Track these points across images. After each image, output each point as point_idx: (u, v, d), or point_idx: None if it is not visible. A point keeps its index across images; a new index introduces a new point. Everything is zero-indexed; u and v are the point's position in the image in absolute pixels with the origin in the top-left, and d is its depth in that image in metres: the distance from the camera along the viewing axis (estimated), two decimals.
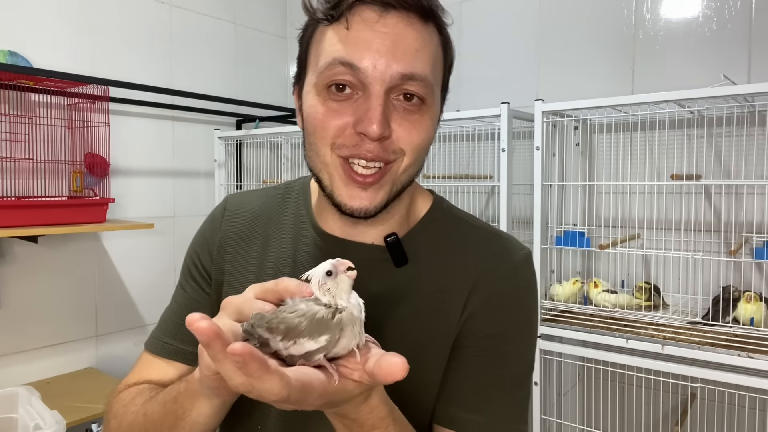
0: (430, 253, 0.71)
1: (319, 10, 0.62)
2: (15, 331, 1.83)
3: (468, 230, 0.74)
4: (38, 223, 1.64)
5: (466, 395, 0.67)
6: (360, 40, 0.59)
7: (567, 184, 1.81)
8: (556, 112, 1.66)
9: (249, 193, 0.82)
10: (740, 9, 1.65)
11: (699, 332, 1.42)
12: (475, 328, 0.68)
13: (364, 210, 0.63)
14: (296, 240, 0.73)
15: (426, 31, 0.62)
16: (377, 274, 0.69)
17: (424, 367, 0.67)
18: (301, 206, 0.76)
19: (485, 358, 0.67)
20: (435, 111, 0.65)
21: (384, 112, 0.59)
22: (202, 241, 0.80)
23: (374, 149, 0.60)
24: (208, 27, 2.42)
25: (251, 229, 0.77)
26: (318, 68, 0.62)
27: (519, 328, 0.70)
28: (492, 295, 0.68)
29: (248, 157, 2.53)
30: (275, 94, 2.72)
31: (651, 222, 1.75)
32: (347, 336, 0.49)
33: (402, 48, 0.59)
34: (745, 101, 1.49)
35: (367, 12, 0.60)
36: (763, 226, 1.59)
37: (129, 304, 2.15)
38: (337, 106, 0.61)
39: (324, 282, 0.51)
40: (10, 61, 1.72)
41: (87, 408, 1.64)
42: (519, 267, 0.71)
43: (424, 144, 0.64)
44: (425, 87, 0.61)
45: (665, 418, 1.73)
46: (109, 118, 1.88)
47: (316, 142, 0.63)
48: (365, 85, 0.60)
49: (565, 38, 1.97)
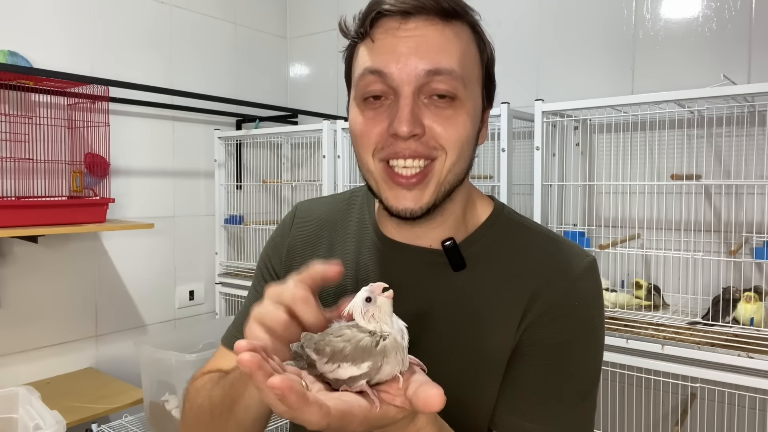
0: (490, 258, 0.70)
1: (351, 30, 0.67)
2: (15, 331, 1.83)
3: (529, 236, 0.73)
4: (38, 223, 1.64)
5: (527, 405, 0.66)
6: (384, 48, 0.62)
7: (567, 184, 1.81)
8: (556, 112, 1.66)
9: (317, 200, 0.87)
10: (740, 9, 1.65)
11: (699, 332, 1.42)
12: (535, 337, 0.66)
13: (409, 211, 0.64)
14: (359, 244, 0.76)
15: (451, 29, 0.63)
16: (435, 278, 0.70)
17: (481, 373, 0.67)
18: (364, 212, 0.79)
19: (546, 368, 0.66)
20: (471, 107, 0.65)
21: (413, 111, 0.61)
22: (273, 246, 0.84)
23: (410, 146, 0.62)
24: (208, 27, 2.42)
25: (318, 233, 0.80)
26: (354, 82, 0.66)
27: (582, 338, 0.68)
28: (554, 304, 0.67)
29: (248, 157, 2.53)
30: (275, 94, 2.72)
31: (651, 222, 1.75)
32: (390, 363, 0.50)
33: (425, 47, 0.61)
34: (745, 101, 1.49)
35: (389, 22, 0.63)
36: (763, 226, 1.59)
37: (129, 304, 2.15)
38: (373, 115, 0.64)
39: (366, 309, 0.51)
40: (10, 61, 1.72)
41: (87, 408, 1.64)
42: (582, 275, 0.69)
43: (464, 139, 0.64)
44: (453, 81, 0.62)
45: (665, 418, 1.73)
46: (109, 118, 1.88)
47: (359, 152, 0.66)
48: (394, 89, 0.62)
49: (565, 38, 1.97)
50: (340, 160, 2.06)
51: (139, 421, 1.76)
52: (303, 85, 2.76)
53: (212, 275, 2.44)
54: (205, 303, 2.43)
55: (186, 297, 2.35)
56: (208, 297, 2.44)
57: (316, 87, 2.70)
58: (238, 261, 2.46)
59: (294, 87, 2.79)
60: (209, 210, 2.44)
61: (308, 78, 2.74)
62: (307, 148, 2.60)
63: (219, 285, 2.41)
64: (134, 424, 1.75)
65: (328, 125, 2.08)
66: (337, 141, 2.07)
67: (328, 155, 2.07)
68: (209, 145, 2.43)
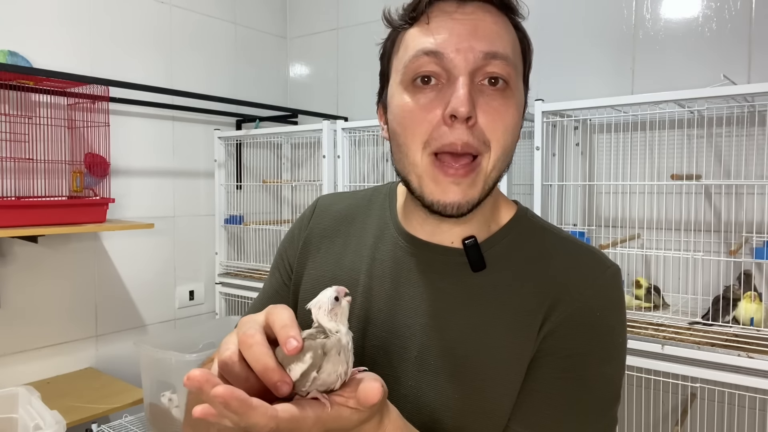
0: (511, 260, 0.68)
1: (399, 17, 0.65)
2: (15, 331, 1.83)
3: (552, 241, 0.70)
4: (38, 223, 1.64)
5: (544, 419, 0.63)
6: (441, 29, 0.61)
7: (567, 184, 1.81)
8: (556, 112, 1.66)
9: (339, 194, 0.86)
10: (740, 9, 1.65)
11: (699, 332, 1.42)
12: (555, 347, 0.63)
13: (456, 205, 0.62)
14: (378, 240, 0.75)
15: (504, 20, 0.64)
16: (453, 277, 0.68)
17: (495, 379, 0.64)
18: (386, 209, 0.77)
19: (565, 380, 0.63)
20: (519, 98, 0.65)
21: (470, 93, 0.60)
22: (290, 237, 0.83)
23: (464, 136, 0.60)
24: (208, 27, 2.42)
25: (335, 228, 0.80)
26: (403, 65, 0.63)
27: (602, 350, 0.64)
28: (575, 313, 0.64)
29: (248, 157, 2.53)
30: (275, 94, 2.72)
31: (651, 222, 1.75)
32: (332, 360, 0.50)
33: (482, 30, 0.61)
34: (745, 101, 1.49)
35: (445, 5, 0.62)
36: (763, 226, 1.59)
37: (129, 304, 2.15)
38: (426, 101, 0.62)
39: (331, 308, 0.52)
40: (10, 61, 1.72)
41: (87, 408, 1.64)
42: (606, 284, 0.66)
43: (510, 133, 0.63)
44: (508, 66, 0.62)
45: (665, 418, 1.73)
46: (109, 118, 1.88)
47: (406, 142, 0.63)
48: (449, 71, 0.61)
49: (565, 38, 1.97)
50: (340, 160, 2.06)
51: (139, 421, 1.76)
52: (303, 85, 2.76)
53: (212, 275, 2.44)
54: (205, 303, 2.43)
55: (186, 297, 2.35)
56: (208, 297, 2.44)
57: (316, 87, 2.70)
58: (238, 261, 2.46)
59: (294, 87, 2.79)
60: (209, 210, 2.44)
61: (308, 78, 2.74)
62: (307, 148, 2.60)
63: (219, 285, 2.41)
64: (134, 424, 1.75)
65: (328, 125, 2.08)
66: (337, 141, 2.07)
67: (328, 155, 2.07)
68: (209, 145, 2.43)
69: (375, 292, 0.71)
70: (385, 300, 0.70)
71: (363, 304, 0.71)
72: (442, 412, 0.65)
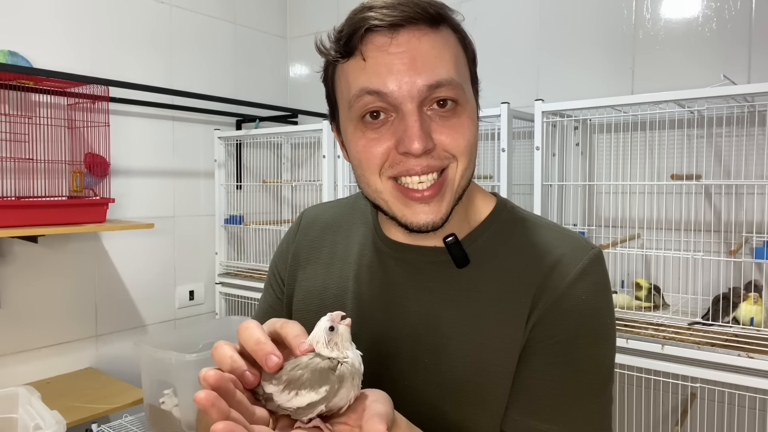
0: (494, 253, 0.69)
1: (332, 49, 0.64)
2: (15, 331, 1.83)
3: (533, 230, 0.71)
4: (38, 223, 1.64)
5: (541, 405, 0.64)
6: (380, 67, 0.60)
7: (567, 184, 1.80)
8: (556, 112, 1.66)
9: (323, 205, 0.88)
10: (740, 9, 1.65)
11: (699, 332, 1.42)
12: (544, 334, 0.65)
13: (431, 224, 0.63)
14: (362, 246, 0.77)
15: (440, 36, 0.62)
16: (439, 275, 0.69)
17: (489, 370, 0.65)
18: (368, 215, 0.79)
19: (558, 366, 0.64)
20: (471, 108, 0.65)
21: (422, 127, 0.60)
22: (280, 252, 0.85)
23: (421, 162, 0.61)
24: (208, 27, 2.42)
25: (322, 238, 0.82)
26: (348, 103, 0.63)
27: (592, 332, 0.65)
28: (560, 299, 0.65)
29: (248, 157, 2.53)
30: (275, 94, 2.72)
31: (651, 222, 1.75)
32: (346, 387, 0.50)
33: (420, 61, 0.60)
34: (745, 101, 1.49)
35: (378, 38, 0.61)
36: (763, 226, 1.59)
37: (129, 304, 2.15)
38: (375, 135, 0.63)
39: (330, 338, 0.52)
40: (10, 61, 1.72)
41: (87, 408, 1.64)
42: (588, 268, 0.66)
43: (471, 144, 0.64)
44: (454, 89, 0.62)
45: (665, 418, 1.73)
46: (109, 118, 1.88)
47: (363, 173, 0.65)
48: (396, 106, 0.61)
49: (565, 38, 1.97)
50: (340, 160, 2.06)
51: (139, 421, 1.76)
52: (303, 85, 2.76)
53: (212, 275, 2.44)
54: (205, 303, 2.43)
55: (186, 297, 2.35)
56: (208, 297, 2.44)
57: (316, 87, 2.69)
58: (238, 261, 2.46)
59: (294, 87, 2.79)
60: (209, 210, 2.44)
61: (308, 78, 2.74)
62: (307, 148, 2.60)
63: (219, 285, 2.41)
64: (134, 424, 1.75)
65: (328, 125, 2.07)
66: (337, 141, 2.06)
67: (328, 155, 2.07)
68: (209, 145, 2.43)
69: (365, 297, 0.73)
70: (376, 303, 0.72)
71: (354, 310, 0.73)
72: (442, 406, 0.66)
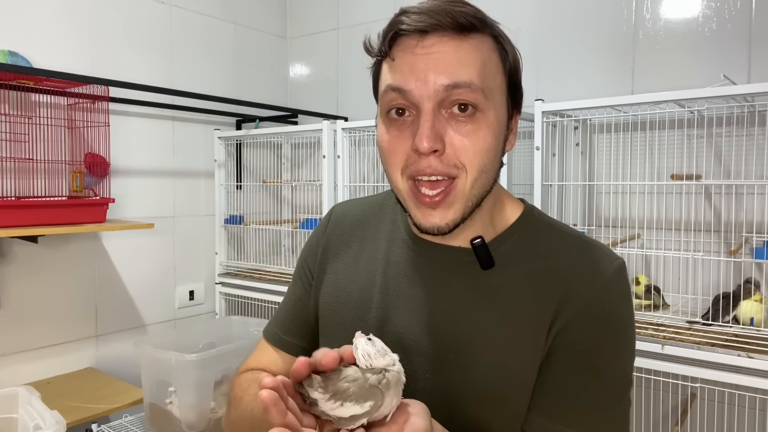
0: (519, 258, 0.71)
1: (375, 48, 0.69)
2: (15, 331, 1.83)
3: (559, 237, 0.74)
4: (38, 223, 1.64)
5: (564, 409, 0.67)
6: (404, 66, 0.65)
7: (567, 184, 1.81)
8: (556, 112, 1.66)
9: (352, 201, 0.91)
10: (740, 9, 1.65)
11: (699, 332, 1.42)
12: (568, 341, 0.67)
13: (436, 228, 0.66)
14: (390, 242, 0.79)
15: (469, 43, 0.65)
16: (464, 276, 0.72)
17: (510, 370, 0.68)
18: (397, 212, 0.82)
19: (580, 372, 0.67)
20: (494, 117, 0.66)
21: (433, 127, 0.63)
22: (310, 246, 0.89)
23: (431, 164, 0.64)
24: (208, 27, 2.42)
25: (351, 233, 0.84)
26: (380, 97, 0.69)
27: (613, 340, 0.68)
28: (585, 307, 0.67)
29: (248, 157, 2.53)
30: (275, 94, 2.72)
31: (651, 222, 1.75)
32: (390, 395, 0.53)
33: (442, 63, 0.63)
34: (745, 101, 1.49)
35: (407, 40, 0.65)
36: (763, 226, 1.59)
37: (129, 304, 2.15)
38: (397, 132, 0.66)
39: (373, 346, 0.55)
40: (10, 61, 1.72)
41: (87, 408, 1.64)
42: (613, 278, 0.69)
43: (484, 154, 0.65)
44: (473, 93, 0.63)
45: (665, 418, 1.73)
46: (109, 118, 1.88)
47: (388, 169, 0.69)
48: (416, 105, 0.64)
49: (565, 38, 1.97)
50: (340, 160, 2.06)
51: (139, 421, 1.76)
52: (303, 85, 2.76)
53: (212, 275, 2.44)
54: (205, 303, 2.43)
55: (186, 297, 2.35)
56: (208, 297, 2.44)
57: (316, 87, 2.70)
58: (238, 261, 2.46)
59: (294, 87, 2.79)
60: (209, 210, 2.44)
61: (308, 78, 2.74)
62: (307, 148, 2.60)
63: (219, 285, 2.41)
64: (134, 424, 1.75)
65: (328, 125, 2.08)
66: (337, 141, 2.07)
67: (328, 155, 2.07)
68: (209, 145, 2.43)
69: (391, 291, 0.76)
70: (401, 299, 0.74)
71: (380, 304, 0.76)
72: (461, 401, 0.69)
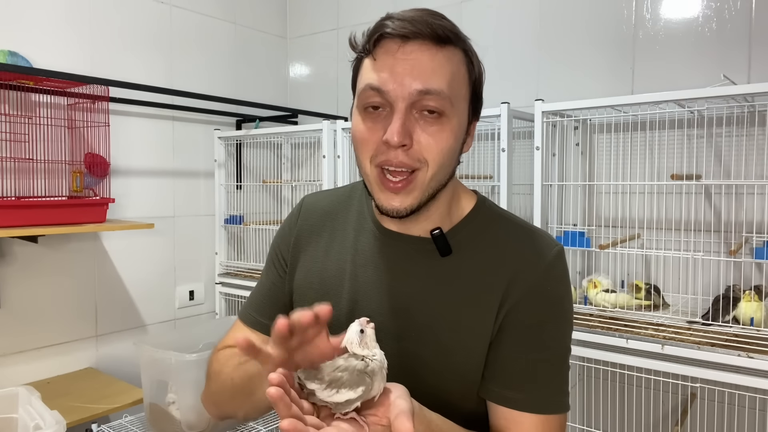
0: (473, 245, 0.81)
1: (359, 45, 0.77)
2: (15, 331, 1.83)
3: (508, 226, 0.83)
4: (38, 223, 1.64)
5: (515, 378, 0.77)
6: (384, 67, 0.72)
7: (567, 184, 1.81)
8: (556, 112, 1.66)
9: (321, 193, 0.98)
10: (740, 9, 1.65)
11: (699, 332, 1.42)
12: (517, 319, 0.77)
13: (395, 210, 0.75)
14: (358, 232, 0.87)
15: (443, 53, 0.72)
16: (425, 262, 0.81)
17: (465, 346, 0.78)
18: (363, 203, 0.89)
19: (528, 345, 0.77)
20: (456, 122, 0.74)
21: (404, 124, 0.71)
22: (282, 235, 0.95)
23: (398, 156, 0.72)
24: (208, 27, 2.42)
25: (321, 224, 0.91)
26: (358, 92, 0.76)
27: (555, 315, 0.79)
28: (530, 289, 0.77)
29: (248, 157, 2.53)
30: (275, 94, 2.72)
31: (651, 222, 1.75)
32: (377, 381, 0.61)
33: (418, 69, 0.71)
34: (745, 101, 1.49)
35: (390, 44, 0.72)
36: (763, 226, 1.59)
37: (129, 304, 2.15)
38: (371, 124, 0.74)
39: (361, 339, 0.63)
40: (10, 61, 1.72)
41: (87, 408, 1.64)
42: (553, 262, 0.79)
43: (444, 152, 0.73)
44: (442, 100, 0.71)
45: (665, 418, 1.73)
46: (109, 118, 1.88)
47: (358, 155, 0.76)
48: (391, 103, 0.72)
49: (565, 38, 1.97)
50: (340, 160, 2.06)
51: (139, 421, 1.76)
52: (303, 85, 2.75)
53: (212, 275, 2.44)
54: (205, 303, 2.43)
55: (186, 297, 2.35)
56: (208, 297, 2.44)
57: (316, 87, 2.70)
58: (238, 261, 2.46)
59: (294, 87, 2.79)
60: (209, 210, 2.44)
61: (308, 78, 2.74)
62: (307, 148, 2.60)
63: (219, 285, 2.41)
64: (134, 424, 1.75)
65: (328, 125, 2.08)
66: (337, 141, 2.07)
67: (328, 155, 2.07)
68: (209, 145, 2.43)
69: (360, 278, 0.84)
70: (369, 284, 0.83)
71: (350, 289, 0.84)
72: (423, 374, 0.79)
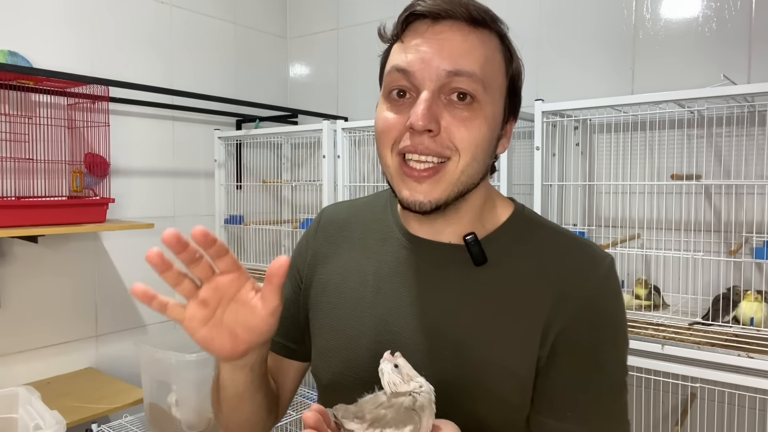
0: (511, 256, 0.72)
1: (387, 33, 0.71)
2: (15, 331, 1.83)
3: (550, 235, 0.75)
4: (38, 223, 1.64)
5: (570, 409, 0.68)
6: (411, 48, 0.66)
7: (567, 184, 1.81)
8: (556, 112, 1.66)
9: (341, 204, 0.91)
10: (740, 9, 1.65)
11: (699, 332, 1.42)
12: (569, 343, 0.68)
13: (419, 203, 0.66)
14: (382, 242, 0.79)
15: (477, 35, 0.66)
16: (457, 273, 0.72)
17: (503, 366, 0.68)
18: (387, 212, 0.82)
19: (583, 371, 0.68)
20: (490, 112, 0.67)
21: (430, 108, 0.64)
22: (299, 249, 0.89)
23: (425, 142, 0.65)
24: (208, 27, 2.42)
25: (340, 235, 0.84)
26: (384, 78, 0.70)
27: (612, 335, 0.70)
28: (581, 308, 0.68)
29: (248, 157, 2.53)
30: (275, 94, 2.72)
31: (651, 222, 1.75)
32: (426, 416, 0.54)
33: (448, 49, 0.64)
34: (745, 101, 1.49)
35: (419, 25, 0.67)
36: (763, 226, 1.59)
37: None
38: (396, 112, 0.67)
39: (399, 375, 0.56)
40: (10, 61, 1.72)
41: (87, 408, 1.63)
42: (606, 276, 0.71)
43: (478, 142, 0.66)
44: (474, 83, 0.64)
45: (665, 418, 1.73)
46: (109, 118, 1.88)
47: (379, 146, 0.70)
48: (417, 87, 0.65)
49: (565, 38, 1.97)
50: (340, 160, 2.06)
51: (139, 421, 1.76)
52: (303, 85, 2.75)
53: None
54: None
55: None
56: None
57: (316, 87, 2.70)
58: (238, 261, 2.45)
59: (294, 87, 2.79)
60: (209, 210, 2.44)
61: (308, 78, 2.74)
62: (307, 148, 2.60)
63: None
64: (134, 424, 1.75)
65: (328, 125, 2.08)
66: (337, 141, 2.07)
67: (328, 155, 2.07)
68: (209, 145, 2.42)
69: (384, 291, 0.76)
70: (395, 297, 0.74)
71: (373, 303, 0.76)
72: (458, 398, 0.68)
